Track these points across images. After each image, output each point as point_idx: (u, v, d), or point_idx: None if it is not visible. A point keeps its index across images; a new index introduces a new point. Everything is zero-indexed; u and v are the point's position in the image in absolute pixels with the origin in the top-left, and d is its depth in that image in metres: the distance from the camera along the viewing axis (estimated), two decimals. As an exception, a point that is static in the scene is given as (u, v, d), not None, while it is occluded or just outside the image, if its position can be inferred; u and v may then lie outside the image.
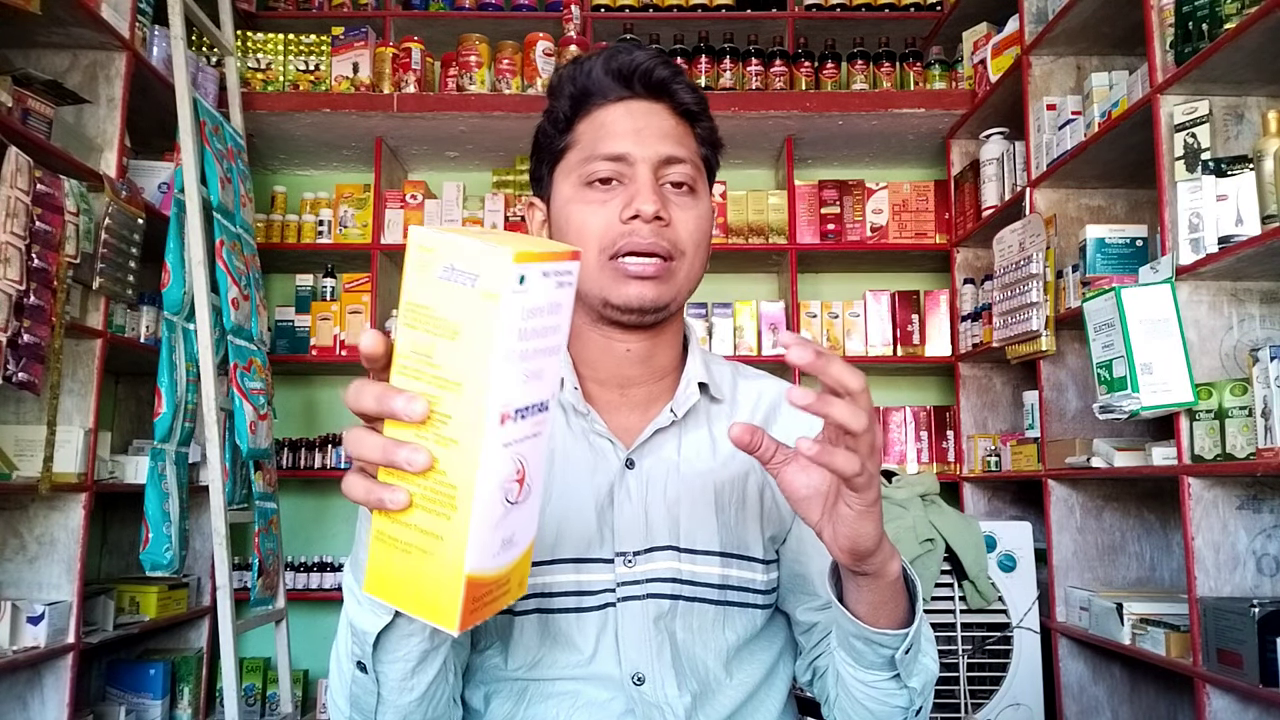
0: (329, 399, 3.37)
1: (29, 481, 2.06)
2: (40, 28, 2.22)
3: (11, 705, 2.14)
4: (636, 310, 0.86)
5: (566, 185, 0.89)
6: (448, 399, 0.52)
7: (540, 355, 0.54)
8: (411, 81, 3.00)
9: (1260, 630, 1.65)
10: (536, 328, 0.53)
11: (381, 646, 0.71)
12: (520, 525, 0.57)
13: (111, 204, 2.26)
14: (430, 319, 0.52)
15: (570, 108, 0.90)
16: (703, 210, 0.90)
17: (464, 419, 0.52)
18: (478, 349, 0.51)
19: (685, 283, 0.89)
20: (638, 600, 0.86)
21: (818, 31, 3.21)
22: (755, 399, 0.97)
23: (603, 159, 0.86)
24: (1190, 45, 1.83)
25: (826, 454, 0.62)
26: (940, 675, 2.63)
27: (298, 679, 2.95)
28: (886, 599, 0.73)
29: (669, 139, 0.88)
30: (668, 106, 0.90)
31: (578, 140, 0.90)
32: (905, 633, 0.74)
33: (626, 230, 0.85)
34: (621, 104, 0.89)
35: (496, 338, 0.50)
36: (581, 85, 0.89)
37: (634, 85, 0.89)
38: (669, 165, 0.87)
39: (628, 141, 0.87)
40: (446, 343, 0.52)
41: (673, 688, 0.85)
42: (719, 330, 3.10)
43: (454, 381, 0.52)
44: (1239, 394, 1.77)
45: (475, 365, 0.51)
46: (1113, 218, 2.49)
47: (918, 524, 2.41)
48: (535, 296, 0.52)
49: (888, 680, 0.78)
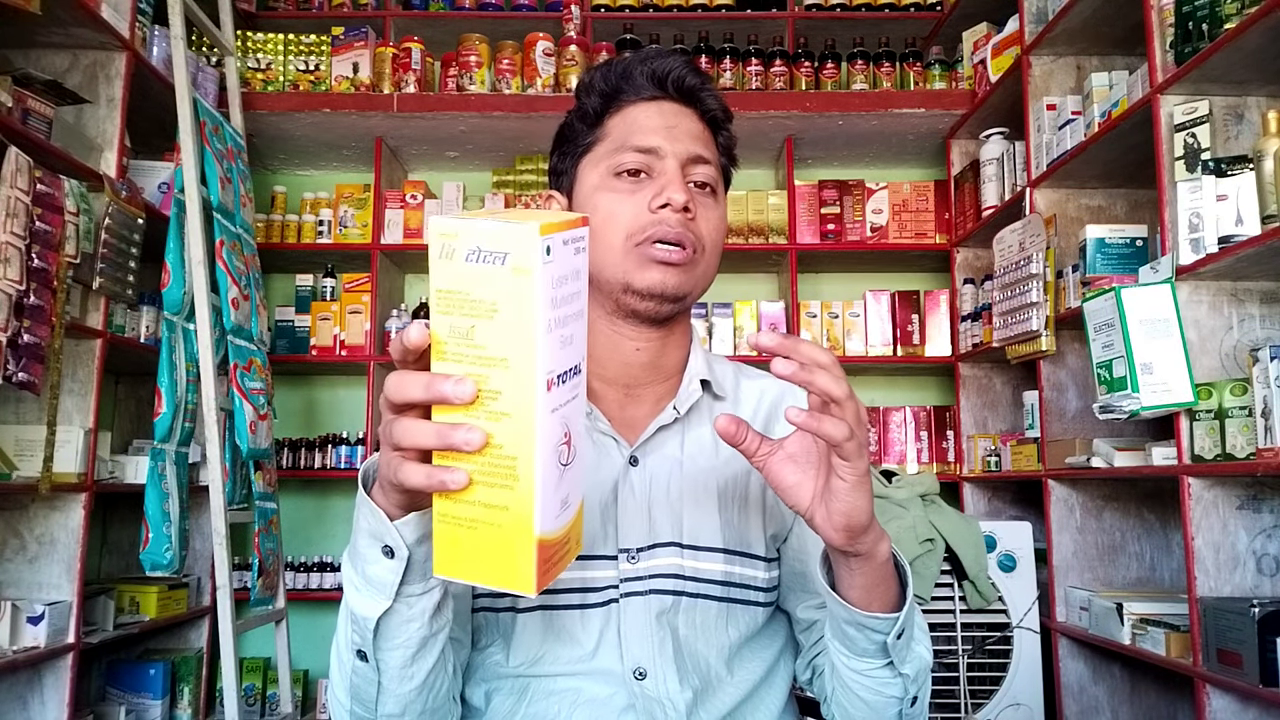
0: (329, 399, 3.37)
1: (29, 481, 2.06)
2: (40, 28, 2.22)
3: (11, 705, 2.14)
4: (658, 296, 0.87)
5: (594, 174, 0.92)
6: (494, 375, 0.54)
7: (570, 321, 0.56)
8: (411, 81, 3.00)
9: (1260, 630, 1.65)
10: (564, 295, 0.55)
11: (381, 633, 0.71)
12: (573, 486, 0.60)
13: (111, 204, 2.26)
14: (465, 302, 0.53)
15: (601, 103, 0.93)
16: (722, 214, 0.94)
17: (514, 392, 0.53)
18: (519, 323, 0.52)
19: (702, 279, 0.91)
20: (640, 596, 0.87)
21: (818, 31, 3.21)
22: (757, 397, 0.98)
23: (634, 150, 0.89)
24: (1190, 45, 1.83)
25: (815, 419, 0.64)
26: (940, 675, 2.60)
27: (298, 679, 2.95)
28: (878, 581, 0.75)
29: (698, 140, 0.92)
30: (696, 112, 0.94)
31: (608, 134, 0.92)
32: (896, 616, 0.75)
33: (656, 219, 0.87)
34: (654, 103, 0.92)
35: (536, 309, 0.52)
36: (615, 83, 0.93)
37: (667, 88, 0.92)
38: (696, 164, 0.90)
39: (659, 137, 0.89)
40: (485, 322, 0.53)
41: (674, 683, 0.86)
42: (719, 330, 3.10)
43: (499, 358, 0.53)
44: (1239, 394, 1.77)
45: (519, 339, 0.53)
46: (1113, 218, 2.49)
47: (918, 524, 2.41)
48: (561, 265, 0.54)
49: (881, 668, 0.79)
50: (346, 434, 3.10)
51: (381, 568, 0.68)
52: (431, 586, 0.71)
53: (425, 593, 0.71)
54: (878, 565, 0.74)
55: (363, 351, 3.07)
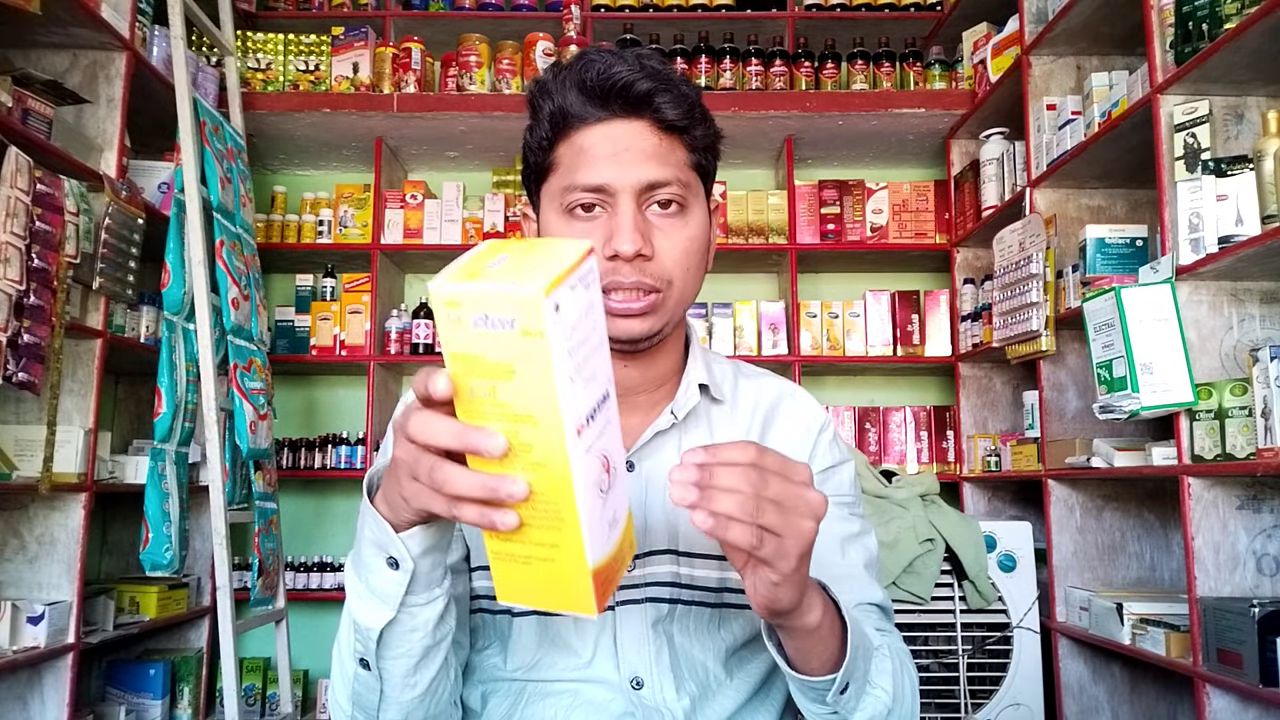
0: (329, 399, 3.37)
1: (29, 481, 2.06)
2: (40, 28, 2.22)
3: (11, 705, 2.14)
4: (627, 342, 0.85)
5: (550, 212, 0.87)
6: (523, 430, 0.53)
7: (591, 356, 0.55)
8: (411, 81, 3.00)
9: (1260, 630, 1.65)
10: (580, 337, 0.53)
11: (384, 643, 0.71)
12: (618, 503, 0.60)
13: (111, 204, 2.26)
14: (480, 366, 0.52)
15: (549, 130, 0.86)
16: (694, 228, 0.86)
17: (545, 445, 0.53)
18: (539, 384, 0.51)
19: (676, 308, 0.86)
20: (636, 604, 0.86)
21: (818, 31, 3.21)
22: (755, 399, 0.97)
23: (582, 189, 0.83)
24: (1190, 45, 1.83)
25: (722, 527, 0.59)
26: (940, 675, 2.60)
27: (298, 679, 2.95)
28: (811, 646, 0.71)
29: (651, 161, 0.83)
30: (650, 123, 0.84)
31: (559, 162, 0.86)
32: (831, 678, 0.71)
33: (610, 268, 0.82)
34: (600, 126, 0.83)
35: (554, 368, 0.51)
36: (559, 106, 0.84)
37: (612, 104, 0.83)
38: (652, 190, 0.83)
39: (608, 169, 0.82)
40: (505, 383, 0.52)
41: (671, 691, 0.85)
42: (719, 330, 3.10)
43: (525, 416, 0.53)
44: (1239, 394, 1.77)
45: (541, 398, 0.52)
46: (1113, 218, 2.49)
47: (918, 524, 2.41)
48: (571, 312, 0.52)
49: (831, 715, 0.76)
50: (346, 434, 3.10)
51: (386, 579, 0.67)
52: (435, 597, 0.70)
53: (429, 603, 0.70)
54: (807, 633, 0.69)
55: (362, 351, 3.07)
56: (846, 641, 0.71)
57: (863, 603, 0.87)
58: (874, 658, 0.77)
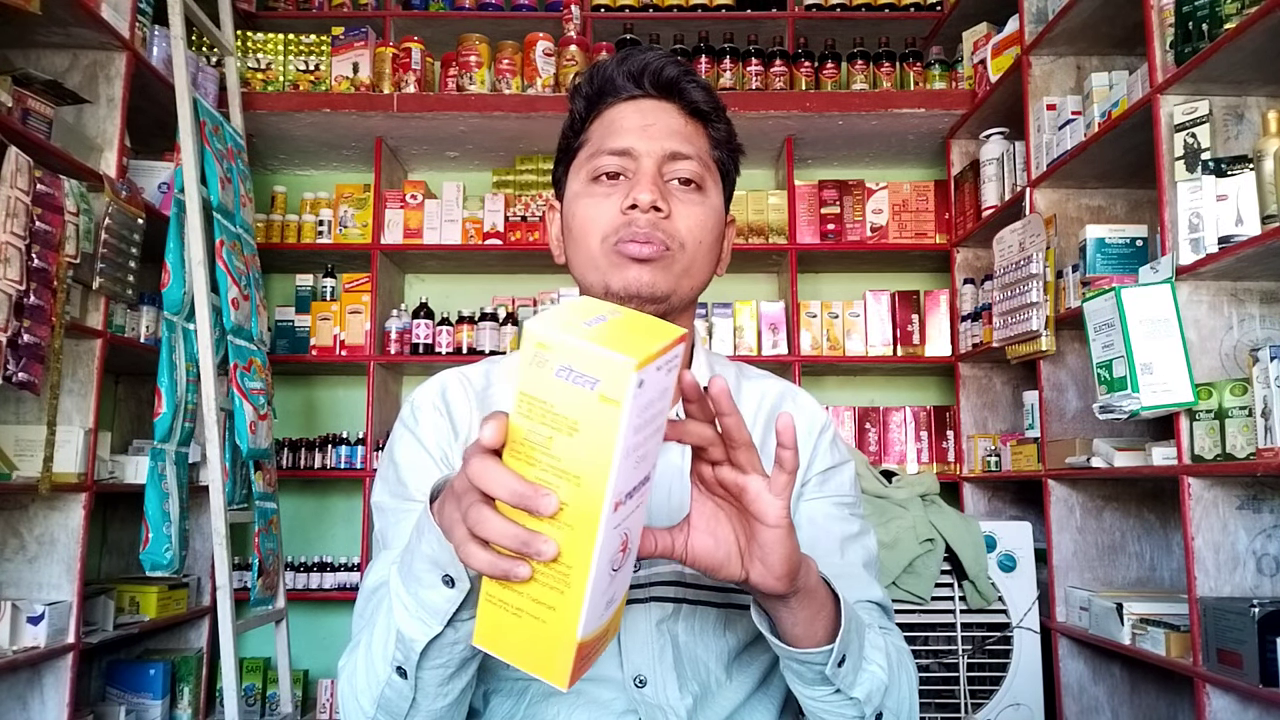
0: (329, 399, 3.37)
1: (29, 481, 2.06)
2: (40, 28, 2.22)
3: (11, 705, 2.14)
4: (635, 296, 0.86)
5: (576, 182, 0.91)
6: (564, 487, 0.54)
7: (650, 439, 0.56)
8: (411, 81, 3.00)
9: (1260, 630, 1.65)
10: (649, 417, 0.54)
11: (426, 654, 0.71)
12: (621, 584, 0.60)
13: (111, 204, 2.26)
14: (547, 413, 0.53)
15: (585, 108, 0.93)
16: (709, 209, 0.90)
17: (580, 508, 0.53)
18: (598, 448, 0.52)
19: (685, 276, 0.88)
20: (641, 604, 0.86)
21: (818, 31, 3.21)
22: (758, 399, 0.98)
23: (609, 154, 0.88)
24: (1190, 45, 1.83)
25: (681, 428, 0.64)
26: (940, 675, 2.60)
27: (298, 679, 2.95)
28: (819, 607, 0.72)
29: (676, 136, 0.89)
30: (678, 105, 0.91)
31: (589, 138, 0.91)
32: (829, 648, 0.72)
33: (626, 220, 0.86)
34: (632, 102, 0.90)
35: (618, 440, 0.51)
36: (597, 86, 0.92)
37: (644, 84, 0.90)
38: (674, 161, 0.88)
39: (634, 137, 0.88)
40: (564, 438, 0.53)
41: (674, 690, 0.85)
42: (719, 330, 3.10)
43: (573, 474, 0.53)
44: (1239, 394, 1.77)
45: (595, 462, 0.52)
46: (1113, 218, 2.49)
47: (918, 524, 2.41)
48: (650, 391, 0.53)
49: (832, 695, 0.77)
50: (346, 434, 3.10)
51: (439, 595, 0.67)
52: None
53: (473, 617, 0.69)
54: (814, 589, 0.71)
55: (362, 351, 3.07)
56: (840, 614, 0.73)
57: (863, 600, 0.88)
58: (866, 633, 0.78)
